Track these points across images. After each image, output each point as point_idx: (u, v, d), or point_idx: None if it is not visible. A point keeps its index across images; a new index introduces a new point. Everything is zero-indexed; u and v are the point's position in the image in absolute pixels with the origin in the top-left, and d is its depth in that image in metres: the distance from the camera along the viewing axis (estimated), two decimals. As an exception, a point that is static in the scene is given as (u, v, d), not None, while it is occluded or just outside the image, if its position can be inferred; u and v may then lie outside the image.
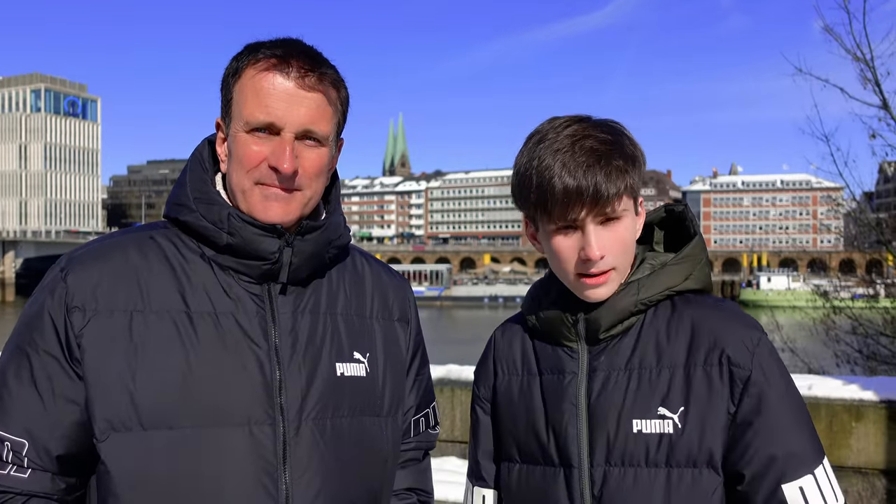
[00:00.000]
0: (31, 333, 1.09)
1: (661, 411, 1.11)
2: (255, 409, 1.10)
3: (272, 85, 1.10)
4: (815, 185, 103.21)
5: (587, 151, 1.11)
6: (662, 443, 1.10)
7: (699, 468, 1.09)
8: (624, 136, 1.16)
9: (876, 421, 3.80)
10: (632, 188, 1.13)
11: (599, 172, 1.10)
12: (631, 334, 1.17)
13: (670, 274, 1.18)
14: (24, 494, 1.07)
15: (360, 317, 1.26)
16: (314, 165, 1.14)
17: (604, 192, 1.09)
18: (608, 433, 1.13)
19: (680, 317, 1.16)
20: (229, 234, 1.12)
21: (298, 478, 1.10)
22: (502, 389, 1.29)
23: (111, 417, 1.06)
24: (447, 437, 4.75)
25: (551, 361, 1.22)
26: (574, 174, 1.10)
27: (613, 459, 1.12)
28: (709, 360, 1.12)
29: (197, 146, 1.23)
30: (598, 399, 1.15)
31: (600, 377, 1.16)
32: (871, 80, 8.71)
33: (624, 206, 1.13)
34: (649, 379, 1.13)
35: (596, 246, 1.11)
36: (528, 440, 1.22)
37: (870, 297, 10.24)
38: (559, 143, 1.12)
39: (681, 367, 1.13)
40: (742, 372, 1.10)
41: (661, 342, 1.15)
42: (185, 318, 1.11)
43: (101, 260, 1.13)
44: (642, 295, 1.16)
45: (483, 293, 72.63)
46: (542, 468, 1.19)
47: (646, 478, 1.10)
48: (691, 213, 1.27)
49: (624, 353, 1.16)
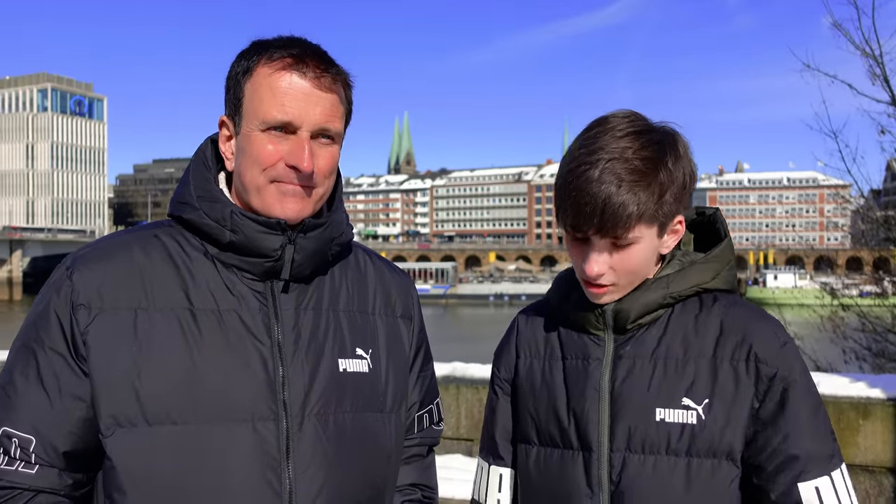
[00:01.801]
0: (38, 331, 1.10)
1: (686, 402, 1.12)
2: (259, 405, 1.10)
3: (289, 84, 1.11)
4: (822, 183, 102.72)
5: (613, 175, 1.09)
6: (684, 433, 1.11)
7: (719, 459, 1.10)
8: (666, 160, 1.12)
9: (883, 419, 3.78)
10: (654, 217, 1.12)
11: (613, 201, 1.08)
12: (658, 325, 1.18)
13: (699, 271, 1.20)
14: (32, 490, 1.08)
15: (363, 313, 1.27)
16: (328, 163, 1.15)
17: (608, 223, 1.10)
18: (630, 420, 1.14)
19: (708, 312, 1.18)
20: (232, 231, 1.13)
21: (302, 473, 1.11)
22: (524, 371, 1.30)
23: (116, 414, 1.07)
24: (453, 435, 4.76)
25: (576, 347, 1.23)
26: (591, 195, 1.09)
27: (634, 446, 1.13)
28: (736, 355, 1.13)
29: (200, 145, 1.23)
30: (621, 386, 1.16)
31: (625, 365, 1.17)
32: (881, 76, 8.66)
33: (638, 234, 1.12)
34: (675, 369, 1.14)
35: (595, 264, 1.14)
36: (548, 423, 1.22)
37: (877, 294, 10.18)
38: (595, 156, 1.11)
39: (707, 359, 1.14)
40: (768, 369, 1.11)
41: (689, 334, 1.16)
42: (188, 316, 1.11)
43: (105, 259, 1.14)
44: (672, 289, 1.18)
45: (488, 291, 72.65)
46: (560, 451, 1.20)
47: (665, 466, 1.11)
48: (722, 216, 1.29)
49: (650, 343, 1.17)
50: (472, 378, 4.93)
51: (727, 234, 1.25)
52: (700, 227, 1.31)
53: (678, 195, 1.15)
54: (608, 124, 1.15)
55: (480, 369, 5.10)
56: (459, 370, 5.10)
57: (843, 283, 11.19)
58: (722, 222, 1.27)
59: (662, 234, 1.17)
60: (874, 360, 9.17)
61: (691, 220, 1.30)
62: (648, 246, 1.16)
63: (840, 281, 11.53)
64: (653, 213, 1.12)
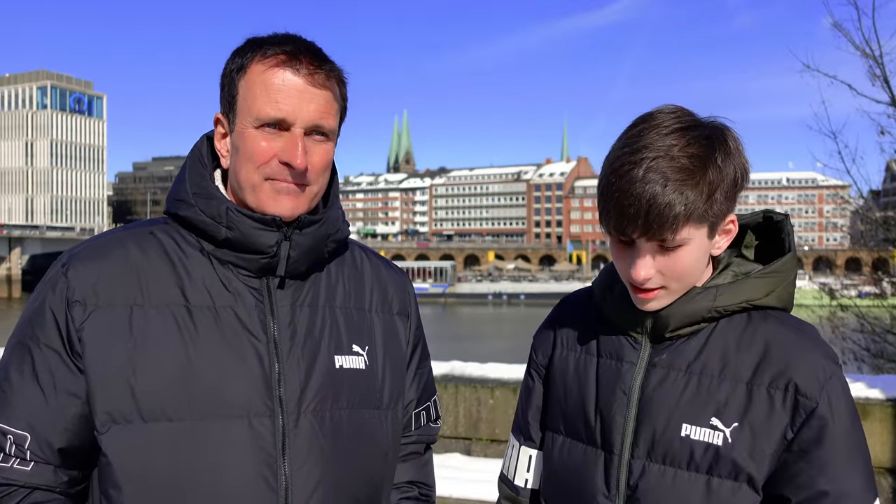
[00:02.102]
0: (33, 328, 1.10)
1: (714, 422, 1.08)
2: (255, 402, 1.10)
3: (282, 81, 1.10)
4: (821, 183, 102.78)
5: (658, 174, 1.03)
6: (708, 452, 1.08)
7: (739, 483, 1.07)
8: (715, 157, 1.06)
9: (882, 419, 3.79)
10: (703, 217, 1.06)
11: (658, 202, 1.03)
12: (699, 338, 1.13)
13: (753, 287, 1.13)
14: (27, 487, 1.08)
15: (359, 310, 1.27)
16: (322, 160, 1.15)
17: (654, 225, 1.04)
18: (655, 429, 1.11)
19: (754, 332, 1.12)
20: (228, 228, 1.13)
21: (298, 469, 1.11)
22: (559, 362, 1.29)
23: (112, 410, 1.06)
24: (451, 434, 4.76)
25: (612, 346, 1.20)
26: (634, 195, 1.04)
27: (655, 455, 1.11)
28: (774, 384, 1.07)
29: (196, 143, 1.23)
30: (651, 393, 1.13)
31: (658, 373, 1.14)
32: (880, 76, 8.67)
33: (687, 236, 1.06)
34: (709, 387, 1.10)
35: (641, 268, 1.08)
36: (575, 417, 1.22)
37: (876, 295, 10.19)
38: (642, 154, 1.05)
39: (744, 382, 1.09)
40: (809, 403, 1.06)
41: (729, 353, 1.11)
42: (184, 312, 1.11)
43: (101, 256, 1.13)
44: (719, 303, 1.12)
45: (487, 290, 72.65)
46: (584, 447, 1.20)
47: (685, 480, 1.09)
48: (790, 224, 1.20)
49: (687, 356, 1.13)
50: (471, 377, 4.93)
51: (792, 247, 1.17)
52: (765, 233, 1.23)
53: (729, 193, 1.09)
54: (653, 121, 1.09)
55: (479, 368, 5.10)
56: (458, 369, 5.10)
57: (842, 284, 11.20)
58: (789, 232, 1.19)
59: (713, 234, 1.11)
60: (873, 360, 9.19)
61: (756, 223, 1.23)
62: (698, 248, 1.09)
63: (839, 281, 11.54)
64: (702, 214, 1.05)
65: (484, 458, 4.66)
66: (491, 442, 4.75)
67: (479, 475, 4.18)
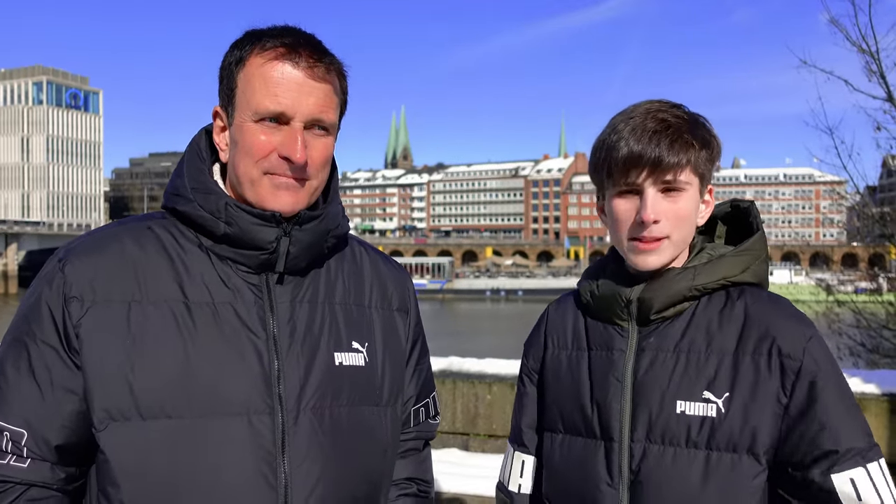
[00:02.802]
0: (30, 324, 1.09)
1: (706, 395, 1.12)
2: (254, 399, 1.10)
3: (281, 74, 1.09)
4: (818, 179, 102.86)
5: (658, 121, 1.14)
6: (704, 425, 1.11)
7: (739, 454, 1.10)
8: (702, 123, 1.18)
9: (878, 414, 3.80)
10: (697, 165, 1.15)
11: (665, 140, 1.13)
12: (682, 319, 1.19)
13: (728, 264, 1.19)
14: (24, 484, 1.07)
15: (359, 306, 1.26)
16: (322, 154, 1.14)
17: (665, 158, 1.12)
18: (651, 411, 1.15)
19: (733, 306, 1.17)
20: (227, 223, 1.12)
21: (297, 466, 1.10)
22: (551, 362, 1.32)
23: (110, 407, 1.06)
24: (448, 429, 4.76)
25: (601, 338, 1.24)
26: (640, 139, 1.13)
27: (654, 437, 1.14)
28: (758, 350, 1.12)
29: (194, 136, 1.22)
30: (643, 377, 1.17)
31: (648, 356, 1.18)
32: (877, 72, 8.69)
33: (686, 180, 1.15)
34: (697, 363, 1.15)
35: (651, 209, 1.13)
36: (572, 412, 1.24)
37: (872, 290, 10.23)
38: (634, 113, 1.17)
39: (729, 354, 1.14)
40: (793, 363, 1.10)
41: (713, 329, 1.16)
42: (183, 309, 1.10)
43: (98, 251, 1.12)
44: (698, 281, 1.17)
45: (485, 286, 72.68)
46: (583, 440, 1.22)
47: (685, 458, 1.12)
48: (756, 209, 1.28)
49: (674, 336, 1.18)
50: (468, 373, 4.94)
51: (760, 227, 1.24)
52: (733, 221, 1.30)
53: (713, 158, 1.18)
54: (636, 103, 1.20)
55: (476, 364, 5.10)
56: (456, 365, 5.10)
57: (839, 280, 11.25)
58: (756, 216, 1.26)
59: (702, 192, 1.19)
60: (868, 355, 9.22)
61: (725, 212, 1.30)
62: (693, 199, 1.17)
63: (835, 277, 11.59)
64: (697, 160, 1.15)
65: (481, 454, 4.67)
66: (488, 437, 4.76)
67: (477, 470, 4.19)
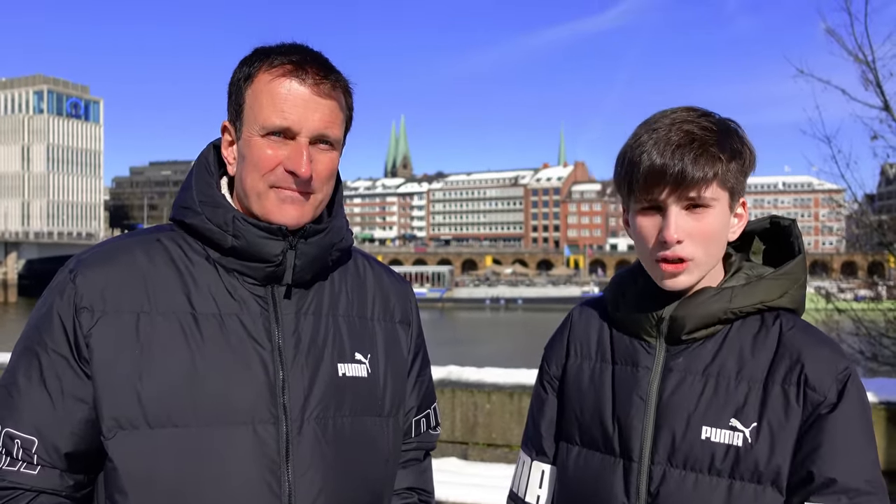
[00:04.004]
0: (41, 333, 1.11)
1: (733, 423, 1.08)
2: (259, 409, 1.12)
3: (288, 90, 1.12)
4: (816, 188, 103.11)
5: (683, 133, 1.09)
6: (729, 454, 1.07)
7: (763, 485, 1.06)
8: (733, 133, 1.12)
9: (875, 422, 3.79)
10: (725, 179, 1.09)
11: (689, 154, 1.07)
12: (714, 341, 1.14)
13: (767, 288, 1.14)
14: (34, 491, 1.09)
15: (362, 318, 1.28)
16: (327, 169, 1.17)
17: (689, 173, 1.06)
18: (674, 434, 1.11)
19: (767, 332, 1.13)
20: (234, 236, 1.14)
21: (301, 476, 1.12)
22: (573, 371, 1.27)
23: (118, 416, 1.08)
24: (447, 438, 4.77)
25: (627, 352, 1.19)
26: (662, 153, 1.08)
27: (676, 461, 1.10)
28: (787, 379, 1.08)
29: (202, 150, 1.25)
30: (669, 398, 1.13)
31: (675, 377, 1.14)
32: (873, 81, 8.73)
33: (713, 196, 1.09)
34: (726, 388, 1.10)
35: (674, 228, 1.08)
36: (592, 426, 1.20)
37: (872, 298, 10.24)
38: (659, 124, 1.11)
39: (760, 382, 1.09)
40: (818, 397, 1.06)
41: (745, 354, 1.11)
42: (190, 320, 1.13)
43: (108, 262, 1.15)
44: (734, 304, 1.12)
45: (485, 295, 72.57)
46: (601, 456, 1.18)
47: (706, 485, 1.07)
48: (798, 229, 1.22)
49: (704, 359, 1.13)
50: (468, 382, 4.95)
51: (802, 249, 1.18)
52: (772, 239, 1.24)
53: (745, 170, 1.12)
54: (662, 111, 1.15)
55: (475, 373, 5.12)
56: (455, 374, 5.11)
57: (838, 288, 11.24)
58: (798, 236, 1.20)
59: (733, 207, 1.13)
60: (867, 363, 9.21)
61: (763, 229, 1.24)
62: (722, 214, 1.11)
63: (835, 285, 11.58)
64: (725, 175, 1.09)
65: (480, 463, 4.68)
66: (487, 446, 4.77)
67: (476, 479, 4.19)
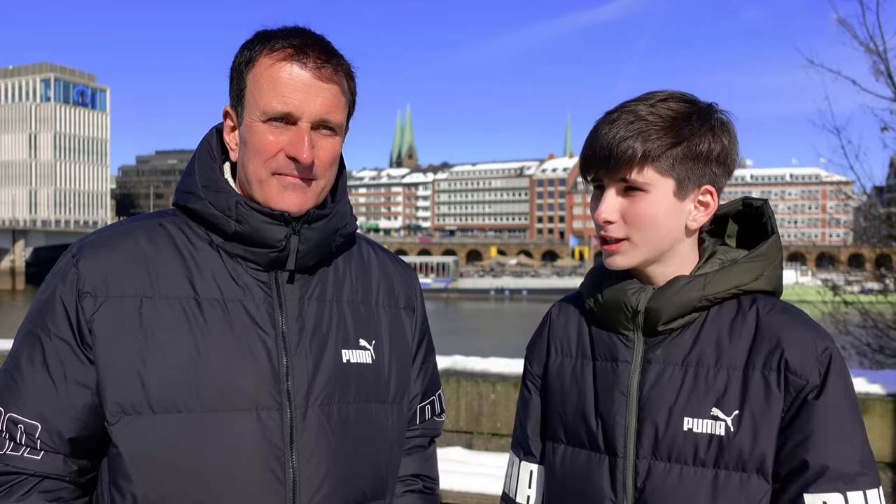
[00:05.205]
0: (44, 318, 1.11)
1: (715, 412, 1.07)
2: (263, 395, 1.11)
3: (289, 75, 1.11)
4: (824, 179, 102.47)
5: (627, 114, 1.09)
6: (712, 444, 1.07)
7: (748, 473, 1.06)
8: (691, 119, 1.08)
9: (882, 414, 3.80)
10: (663, 164, 1.07)
11: (619, 134, 1.07)
12: (691, 330, 1.13)
13: (741, 272, 1.12)
14: (37, 475, 1.09)
15: (366, 304, 1.27)
16: (329, 154, 1.15)
17: (614, 152, 1.07)
18: (657, 427, 1.10)
19: (744, 317, 1.11)
20: (237, 221, 1.13)
21: (305, 462, 1.12)
22: (554, 370, 1.26)
23: (122, 401, 1.08)
24: (452, 428, 4.78)
25: (606, 347, 1.19)
26: (600, 134, 1.10)
27: (660, 454, 1.10)
28: (768, 364, 1.07)
29: (205, 135, 1.24)
30: (649, 391, 1.12)
31: (654, 370, 1.13)
32: (884, 72, 8.63)
33: (647, 180, 1.08)
34: (706, 378, 1.09)
35: (603, 208, 1.10)
36: (576, 424, 1.20)
37: (879, 291, 10.18)
38: (618, 109, 1.12)
39: (739, 369, 1.08)
40: (798, 381, 1.05)
41: (723, 341, 1.10)
42: (193, 305, 1.12)
43: (111, 247, 1.14)
44: (708, 291, 1.11)
45: (489, 285, 72.64)
46: (587, 453, 1.18)
47: (691, 476, 1.07)
48: (770, 209, 1.20)
49: (682, 349, 1.12)
50: (473, 371, 4.95)
51: (775, 230, 1.17)
52: (746, 220, 1.23)
53: (703, 160, 1.09)
54: (649, 92, 1.14)
55: (480, 363, 5.12)
56: (460, 363, 5.12)
57: (846, 280, 11.18)
58: (770, 216, 1.18)
59: (683, 195, 1.10)
60: (874, 355, 9.19)
61: (737, 211, 1.23)
62: (662, 200, 1.09)
63: (842, 277, 11.51)
64: (664, 161, 1.07)
65: (485, 452, 4.69)
66: (492, 436, 4.78)
67: (481, 469, 4.20)
